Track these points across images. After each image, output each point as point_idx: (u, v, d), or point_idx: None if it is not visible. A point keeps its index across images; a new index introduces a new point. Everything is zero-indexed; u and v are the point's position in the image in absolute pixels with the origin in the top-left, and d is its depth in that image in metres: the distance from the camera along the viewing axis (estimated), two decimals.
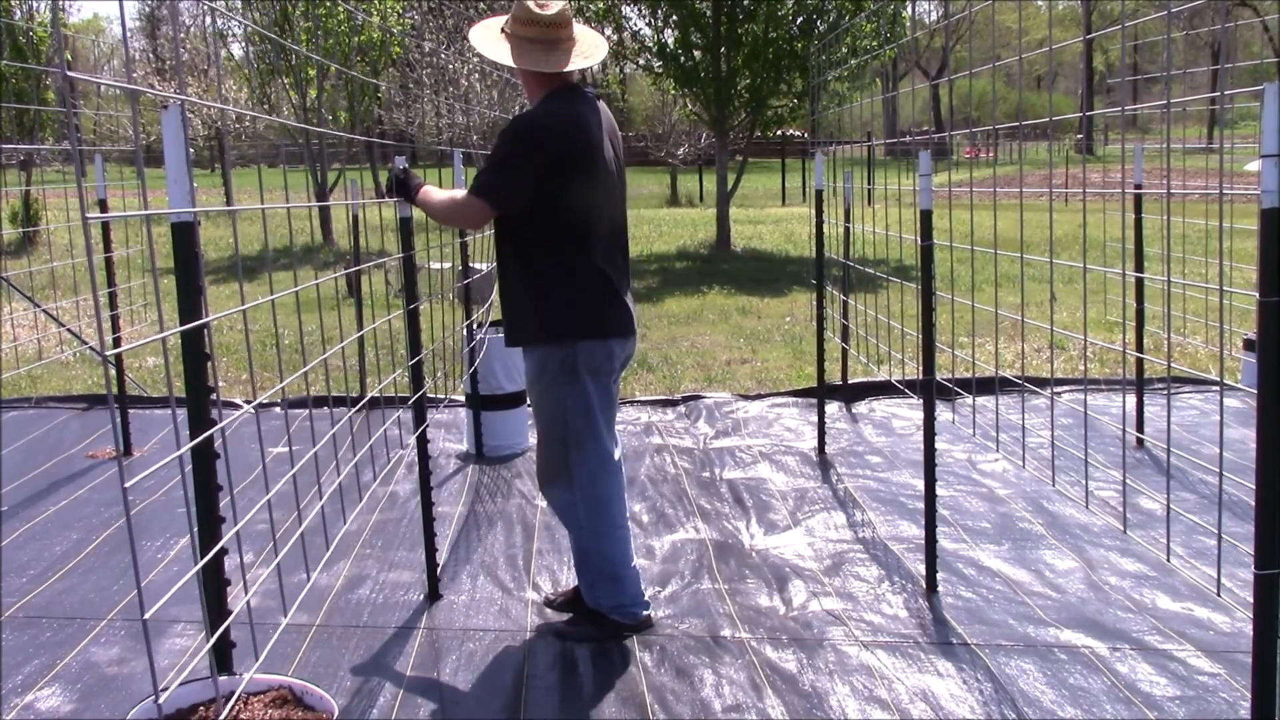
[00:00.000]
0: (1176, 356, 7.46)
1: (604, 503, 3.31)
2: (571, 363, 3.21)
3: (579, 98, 3.24)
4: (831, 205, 5.95)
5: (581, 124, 3.18)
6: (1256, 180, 2.00)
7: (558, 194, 3.15)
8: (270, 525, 3.81)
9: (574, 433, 3.25)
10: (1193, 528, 4.11)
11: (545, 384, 3.26)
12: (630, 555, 3.40)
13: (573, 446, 3.27)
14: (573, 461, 3.27)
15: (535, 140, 3.15)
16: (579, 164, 3.17)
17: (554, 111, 3.18)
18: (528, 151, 3.14)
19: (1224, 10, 2.43)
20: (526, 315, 3.25)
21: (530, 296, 3.23)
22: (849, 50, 14.18)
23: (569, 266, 3.21)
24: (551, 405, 3.27)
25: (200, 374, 2.06)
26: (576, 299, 3.21)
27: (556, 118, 3.17)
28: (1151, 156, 18.17)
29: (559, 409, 3.25)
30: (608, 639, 3.34)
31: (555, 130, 3.15)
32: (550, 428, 3.30)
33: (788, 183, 30.56)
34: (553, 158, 3.13)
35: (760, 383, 7.12)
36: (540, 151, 3.13)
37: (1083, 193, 3.33)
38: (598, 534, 3.32)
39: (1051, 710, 2.86)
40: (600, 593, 3.38)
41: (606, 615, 3.39)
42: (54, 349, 8.10)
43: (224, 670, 2.15)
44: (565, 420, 3.25)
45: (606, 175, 3.25)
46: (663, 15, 15.50)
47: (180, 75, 2.02)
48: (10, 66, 14.11)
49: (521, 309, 3.26)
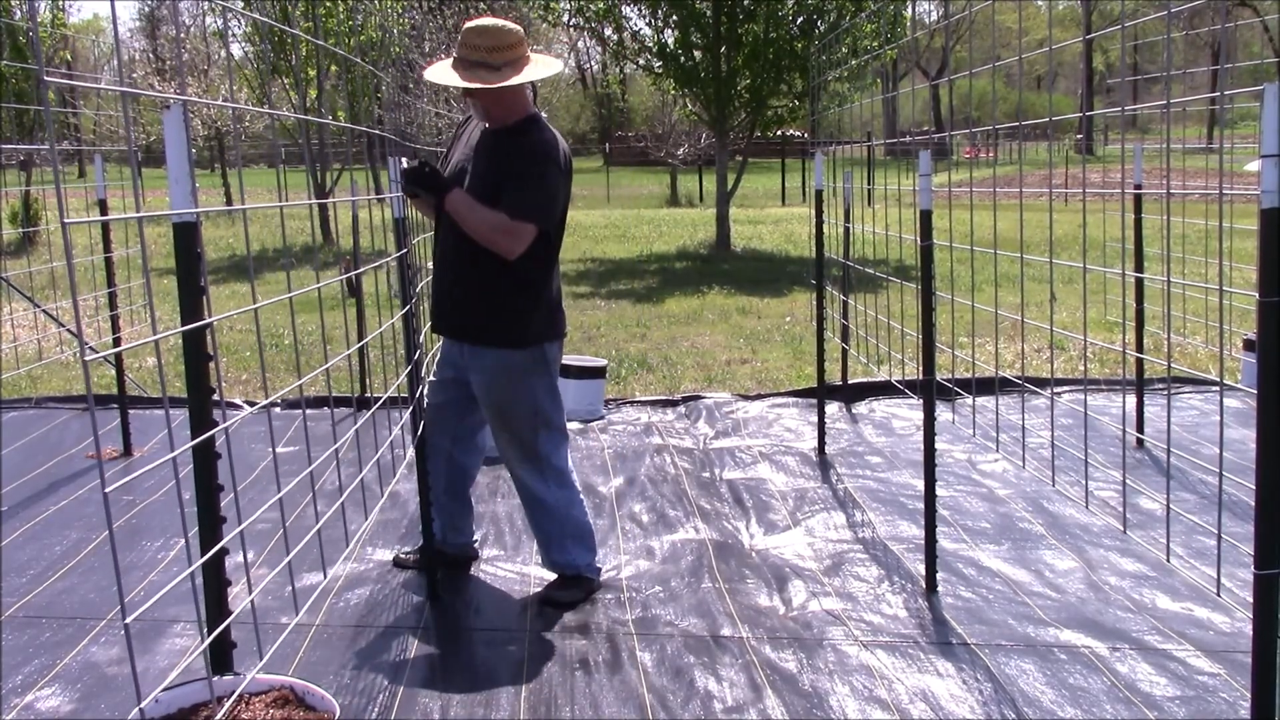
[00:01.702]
0: (1176, 356, 7.46)
1: (567, 474, 3.71)
2: (542, 358, 3.58)
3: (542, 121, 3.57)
4: (831, 205, 5.94)
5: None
6: (1256, 180, 2.00)
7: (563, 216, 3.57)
8: (282, 522, 3.82)
9: (543, 417, 3.62)
10: (1193, 528, 4.12)
11: (517, 377, 3.57)
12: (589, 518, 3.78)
13: (541, 428, 3.62)
14: (541, 441, 3.62)
15: (559, 162, 3.46)
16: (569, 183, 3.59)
17: (556, 135, 3.52)
18: (557, 173, 3.45)
19: (1224, 10, 2.44)
20: (509, 318, 3.53)
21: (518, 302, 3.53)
22: (849, 50, 14.17)
23: (545, 277, 3.57)
24: (525, 395, 3.59)
25: (202, 374, 2.06)
26: (551, 304, 3.60)
27: (559, 141, 3.51)
28: (1151, 156, 18.15)
29: (531, 397, 3.59)
30: (589, 597, 3.65)
31: (564, 152, 3.52)
32: (522, 415, 3.61)
33: (788, 183, 30.57)
34: (566, 177, 3.53)
35: (760, 383, 7.12)
36: (563, 173, 3.49)
37: (1083, 193, 3.33)
38: (569, 502, 3.69)
39: (1051, 710, 2.86)
40: (575, 554, 3.69)
41: (581, 573, 3.70)
42: (54, 349, 8.10)
43: (225, 670, 2.15)
44: (536, 407, 3.60)
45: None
46: (663, 15, 15.50)
47: (181, 75, 2.01)
48: (10, 67, 14.10)
49: (503, 313, 3.53)
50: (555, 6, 16.12)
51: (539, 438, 3.62)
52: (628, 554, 4.06)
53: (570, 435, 3.92)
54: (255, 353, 8.25)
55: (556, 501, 3.66)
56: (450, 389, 3.73)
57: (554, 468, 3.67)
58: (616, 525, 4.38)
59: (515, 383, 3.57)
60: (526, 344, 3.53)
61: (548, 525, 3.69)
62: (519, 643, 3.34)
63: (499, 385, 3.58)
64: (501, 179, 3.41)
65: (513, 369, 3.55)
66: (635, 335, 9.18)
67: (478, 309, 3.54)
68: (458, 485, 3.86)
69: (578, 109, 53.27)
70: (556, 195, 3.46)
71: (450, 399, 3.74)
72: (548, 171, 3.41)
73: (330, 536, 4.05)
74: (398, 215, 3.46)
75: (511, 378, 3.56)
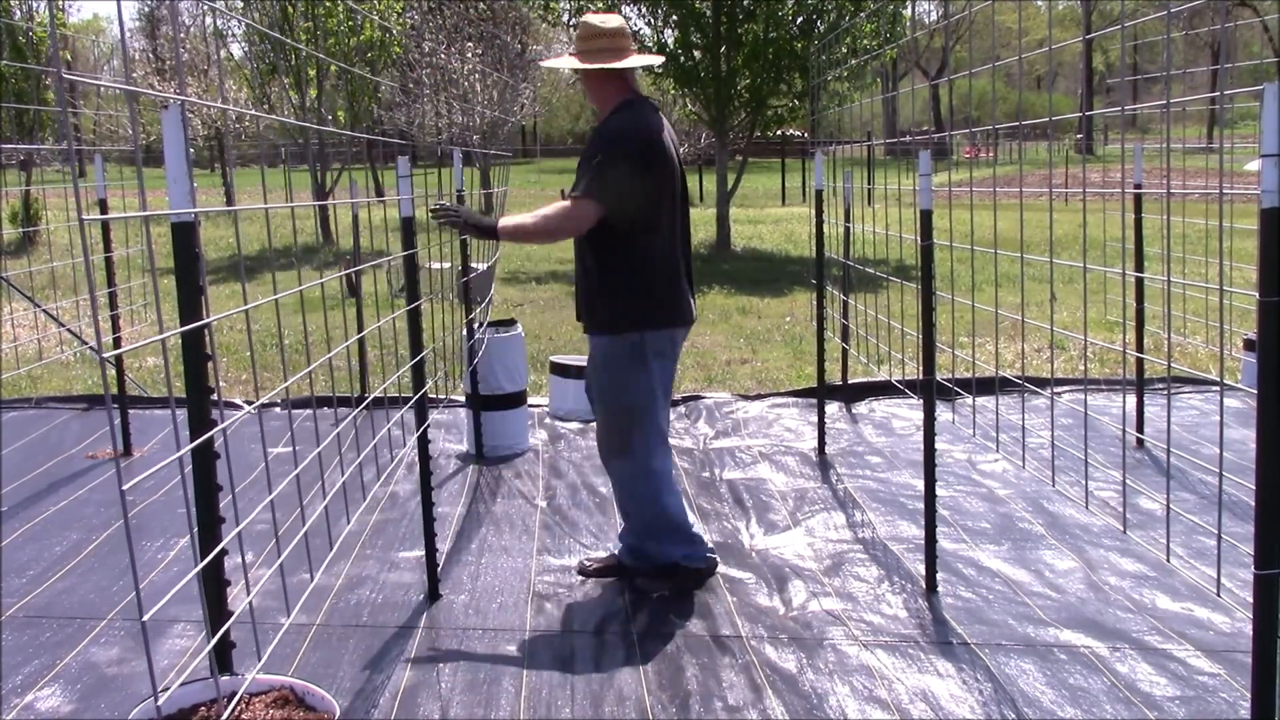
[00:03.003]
0: (1176, 356, 7.46)
1: (662, 473, 3.68)
2: (641, 349, 3.56)
3: (648, 107, 3.63)
4: (831, 205, 5.94)
5: (660, 131, 3.56)
6: (1256, 180, 2.00)
7: (647, 197, 3.50)
8: (280, 524, 3.81)
9: (638, 412, 3.60)
10: (1193, 528, 4.12)
11: (615, 368, 3.60)
12: (687, 513, 3.75)
13: (635, 426, 3.60)
14: (634, 439, 3.60)
15: (626, 146, 3.48)
16: (664, 169, 3.53)
17: (639, 121, 3.54)
18: (620, 157, 3.46)
19: (1224, 10, 2.43)
20: (601, 304, 3.59)
21: (604, 289, 3.58)
22: (849, 50, 14.18)
23: (642, 263, 3.54)
24: (619, 385, 3.61)
25: (200, 374, 2.06)
26: (649, 291, 3.56)
27: (643, 127, 3.53)
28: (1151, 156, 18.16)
29: (626, 388, 3.60)
30: (682, 586, 3.69)
31: (648, 139, 3.51)
32: (616, 407, 3.63)
33: (788, 183, 30.56)
34: (647, 163, 3.49)
35: (760, 383, 7.12)
36: (633, 156, 3.47)
37: (1083, 193, 3.33)
38: (659, 497, 3.66)
39: (1051, 710, 2.86)
40: (672, 546, 3.71)
41: (680, 565, 3.71)
42: (54, 349, 8.10)
43: (224, 671, 2.15)
44: (632, 400, 3.60)
45: (677, 178, 3.62)
46: (663, 15, 15.50)
47: (180, 75, 2.01)
48: (10, 67, 14.09)
49: (594, 300, 3.61)
50: (555, 6, 16.12)
51: (633, 433, 3.61)
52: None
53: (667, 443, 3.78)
54: (257, 352, 8.25)
55: (645, 496, 3.67)
56: None
57: (644, 465, 3.64)
58: (617, 525, 4.38)
59: (611, 372, 3.61)
60: (620, 331, 3.56)
61: (638, 522, 3.73)
62: (519, 643, 3.34)
63: (598, 372, 3.67)
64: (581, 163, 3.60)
65: (609, 357, 3.61)
66: None
67: (585, 298, 3.67)
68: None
69: (578, 109, 53.27)
70: (617, 176, 3.44)
71: None
72: (609, 154, 3.47)
73: (331, 537, 4.05)
74: (405, 215, 3.47)
75: (608, 366, 3.62)
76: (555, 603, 3.63)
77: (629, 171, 3.45)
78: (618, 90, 3.60)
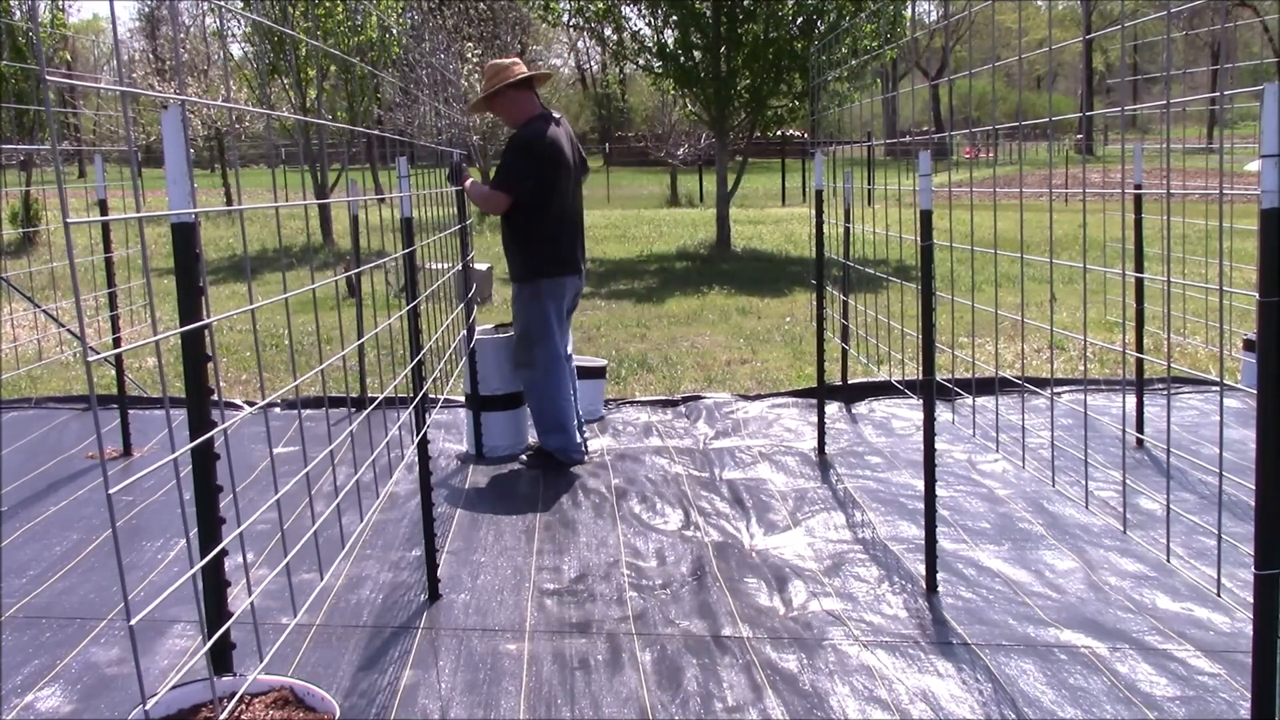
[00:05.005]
0: (1176, 357, 7.46)
1: (555, 381, 5.02)
2: (538, 290, 4.97)
3: (548, 119, 4.97)
4: (831, 205, 5.95)
5: (551, 137, 4.90)
6: (1256, 180, 2.00)
7: (539, 185, 4.87)
8: (279, 524, 3.81)
9: (534, 335, 4.98)
10: (1193, 528, 4.11)
11: (522, 304, 5.04)
12: (573, 416, 5.13)
13: (537, 344, 4.98)
14: (536, 355, 4.99)
15: (529, 148, 4.87)
16: (555, 165, 4.90)
17: (536, 131, 4.89)
18: (524, 156, 4.86)
19: (1224, 10, 2.43)
20: (512, 260, 5.04)
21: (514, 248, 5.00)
22: (849, 50, 14.18)
23: (540, 230, 4.91)
24: (526, 317, 5.01)
25: (200, 375, 2.06)
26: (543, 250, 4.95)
27: (537, 136, 4.88)
28: (1151, 156, 18.16)
29: (530, 320, 4.99)
30: (553, 469, 5.07)
31: (540, 143, 4.87)
32: (524, 332, 5.03)
33: (788, 183, 30.58)
34: (538, 161, 4.85)
35: (760, 383, 7.12)
36: (533, 155, 4.85)
37: (1083, 193, 3.33)
38: (552, 397, 5.03)
39: (1051, 710, 2.86)
40: (552, 439, 5.10)
41: (554, 455, 5.11)
42: (54, 349, 8.10)
43: (225, 671, 2.15)
44: (529, 328, 4.98)
45: (567, 169, 4.97)
46: (663, 15, 15.50)
47: (180, 75, 2.00)
48: (10, 67, 14.10)
49: (509, 256, 5.07)
50: (555, 6, 16.12)
51: (534, 352, 4.98)
52: (628, 553, 4.06)
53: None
54: (257, 352, 8.25)
55: (543, 394, 5.03)
56: None
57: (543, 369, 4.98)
58: (616, 525, 4.38)
59: (520, 306, 5.04)
60: (525, 279, 4.98)
61: (536, 414, 5.10)
62: (519, 643, 3.34)
63: (513, 307, 5.11)
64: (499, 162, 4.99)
65: (519, 296, 5.04)
66: (635, 335, 9.18)
67: (505, 255, 5.13)
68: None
69: (577, 109, 53.29)
70: (521, 172, 4.84)
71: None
72: (513, 156, 4.88)
73: (329, 536, 4.05)
74: (405, 215, 3.47)
75: (518, 302, 5.05)
76: (555, 602, 3.63)
77: (524, 168, 4.83)
78: (523, 109, 4.96)
